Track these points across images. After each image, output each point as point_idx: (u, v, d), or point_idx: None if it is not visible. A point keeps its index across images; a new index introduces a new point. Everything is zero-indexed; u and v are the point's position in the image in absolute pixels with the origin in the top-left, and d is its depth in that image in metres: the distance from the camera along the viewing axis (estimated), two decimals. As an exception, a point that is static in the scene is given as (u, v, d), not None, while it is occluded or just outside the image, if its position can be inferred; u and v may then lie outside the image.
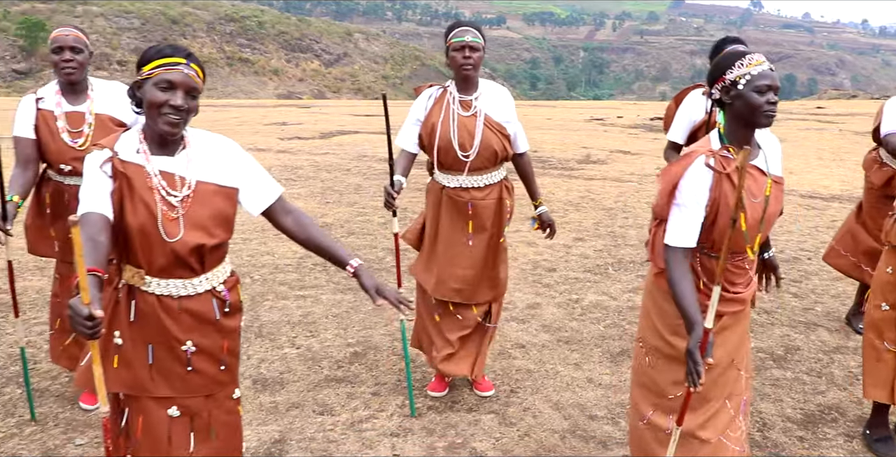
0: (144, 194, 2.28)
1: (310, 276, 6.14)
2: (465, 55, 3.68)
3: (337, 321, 5.19)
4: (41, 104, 3.62)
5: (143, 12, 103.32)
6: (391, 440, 3.70)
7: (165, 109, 2.23)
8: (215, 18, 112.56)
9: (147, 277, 2.34)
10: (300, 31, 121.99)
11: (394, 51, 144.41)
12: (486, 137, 3.75)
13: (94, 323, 1.94)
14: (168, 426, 2.43)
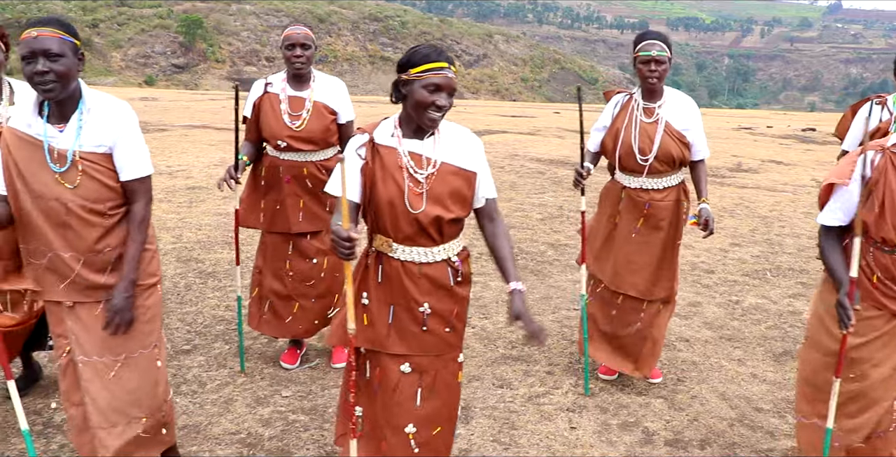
0: (395, 172, 2.66)
1: (477, 263, 6.52)
2: (650, 69, 3.91)
3: (507, 306, 5.53)
4: (269, 88, 4.14)
5: (292, 10, 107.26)
6: (567, 415, 4.00)
7: (431, 108, 2.60)
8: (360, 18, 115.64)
9: (394, 244, 2.72)
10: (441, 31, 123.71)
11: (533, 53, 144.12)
12: (664, 143, 3.99)
13: (351, 244, 2.36)
14: (401, 380, 2.81)
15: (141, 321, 2.91)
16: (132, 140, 2.81)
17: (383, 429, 2.83)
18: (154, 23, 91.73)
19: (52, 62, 2.58)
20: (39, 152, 2.70)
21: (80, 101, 2.74)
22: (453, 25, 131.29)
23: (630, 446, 3.72)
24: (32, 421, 3.77)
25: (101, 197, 2.77)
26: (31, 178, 2.70)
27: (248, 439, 3.65)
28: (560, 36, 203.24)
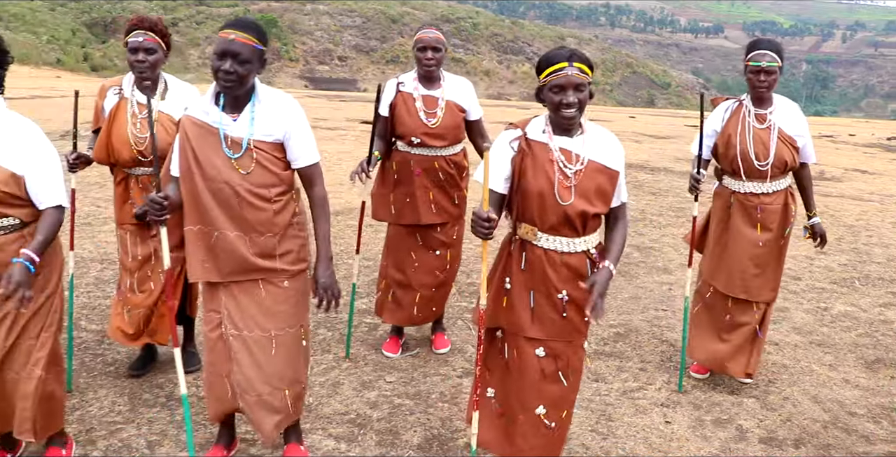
0: (546, 166, 2.84)
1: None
2: (759, 79, 4.00)
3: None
4: (401, 88, 4.34)
5: (365, 11, 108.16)
6: (662, 409, 4.12)
7: (562, 107, 2.77)
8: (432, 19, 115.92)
9: (539, 233, 2.90)
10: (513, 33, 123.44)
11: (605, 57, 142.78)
12: (779, 149, 4.07)
13: (490, 224, 2.61)
14: (537, 364, 2.98)
15: (290, 303, 3.15)
16: (303, 131, 3.06)
17: (515, 410, 3.01)
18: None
19: (239, 65, 2.85)
20: (215, 139, 2.95)
21: (252, 94, 2.99)
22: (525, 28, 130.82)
23: (724, 442, 3.82)
24: (156, 394, 4.05)
25: (268, 183, 3.02)
26: (205, 161, 2.95)
27: (358, 419, 3.86)
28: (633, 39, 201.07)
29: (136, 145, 3.80)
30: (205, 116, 3.01)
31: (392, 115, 4.36)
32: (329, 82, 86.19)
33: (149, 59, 3.75)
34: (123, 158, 3.84)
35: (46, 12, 68.46)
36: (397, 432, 3.75)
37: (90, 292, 5.48)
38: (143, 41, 3.73)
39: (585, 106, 2.82)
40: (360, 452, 3.57)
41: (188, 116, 3.03)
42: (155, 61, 3.79)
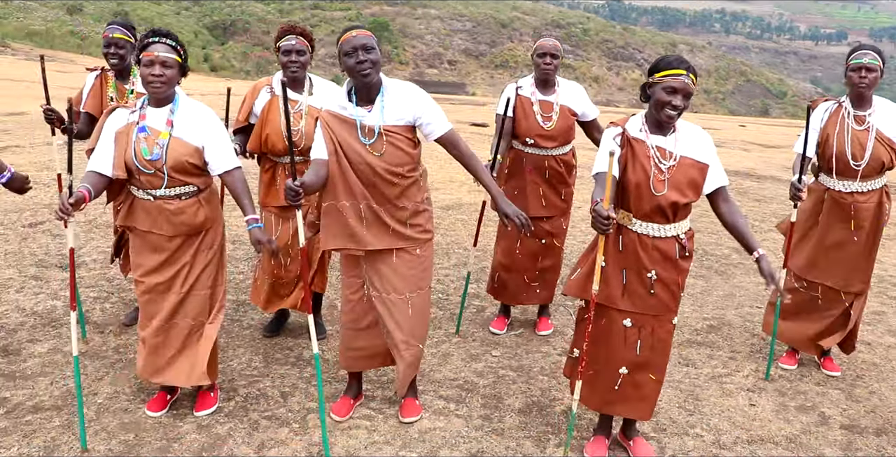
0: (643, 160, 3.21)
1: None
2: (860, 75, 4.23)
3: (692, 300, 5.94)
4: (520, 91, 4.76)
5: (475, 15, 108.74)
6: (748, 394, 4.39)
7: (668, 107, 3.14)
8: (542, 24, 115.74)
9: (634, 219, 3.28)
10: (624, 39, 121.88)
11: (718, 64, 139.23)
12: (875, 150, 4.28)
13: (609, 221, 2.98)
14: (623, 332, 3.36)
15: (420, 268, 3.64)
16: (431, 108, 3.55)
17: (601, 368, 3.40)
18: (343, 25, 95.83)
19: (368, 53, 3.34)
20: (352, 128, 3.45)
21: (381, 86, 3.48)
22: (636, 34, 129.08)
23: (806, 425, 4.08)
24: (286, 355, 4.60)
25: (400, 162, 3.51)
26: (346, 148, 3.46)
27: (466, 385, 4.30)
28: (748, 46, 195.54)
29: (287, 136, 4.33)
30: (342, 110, 3.52)
31: (513, 118, 4.76)
32: (438, 86, 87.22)
33: (300, 60, 4.28)
34: (277, 149, 4.38)
35: (172, 16, 72.12)
36: (501, 398, 4.17)
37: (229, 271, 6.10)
38: (295, 44, 4.25)
39: (681, 114, 3.17)
40: (466, 412, 4.00)
41: (328, 111, 3.54)
42: (304, 62, 4.32)
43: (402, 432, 3.78)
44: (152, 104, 3.56)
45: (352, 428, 3.80)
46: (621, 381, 3.43)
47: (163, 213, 3.57)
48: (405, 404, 3.93)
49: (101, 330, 4.87)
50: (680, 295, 3.43)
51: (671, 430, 3.93)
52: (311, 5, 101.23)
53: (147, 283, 3.69)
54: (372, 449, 3.63)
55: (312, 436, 3.70)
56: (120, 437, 3.65)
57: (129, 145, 3.48)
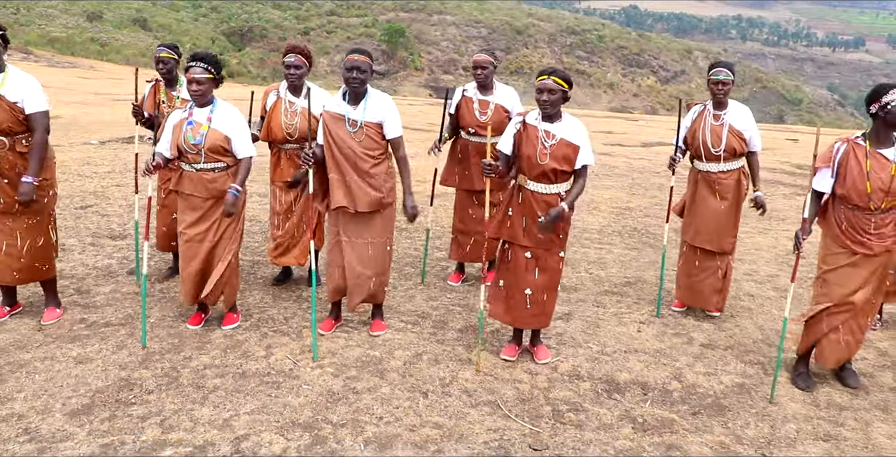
0: (533, 140, 4.64)
1: (607, 237, 8.35)
2: (718, 88, 5.60)
3: (621, 264, 7.36)
4: (465, 93, 6.21)
5: (491, 22, 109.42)
6: (638, 325, 5.81)
7: (539, 102, 4.55)
8: (557, 31, 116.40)
9: (528, 180, 4.70)
10: (639, 46, 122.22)
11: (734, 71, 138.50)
12: (729, 140, 5.66)
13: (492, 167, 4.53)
14: (524, 262, 4.79)
15: (381, 223, 5.14)
16: (393, 116, 5.03)
17: (513, 291, 4.83)
18: (360, 31, 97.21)
19: (361, 73, 4.82)
20: (342, 121, 4.95)
21: (366, 93, 4.95)
22: (651, 40, 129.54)
23: (674, 343, 5.48)
24: (289, 296, 6.05)
25: (373, 147, 4.98)
26: (335, 136, 4.93)
27: (422, 314, 5.76)
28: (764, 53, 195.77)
29: (286, 129, 5.77)
30: (337, 108, 4.98)
31: (457, 112, 6.22)
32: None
33: (297, 73, 5.71)
34: (278, 138, 5.83)
35: (190, 22, 73.89)
36: (446, 322, 5.62)
37: (245, 240, 7.59)
38: (295, 61, 5.68)
39: (556, 106, 4.58)
40: (419, 330, 5.46)
41: (327, 110, 5.02)
42: (301, 74, 5.75)
43: (370, 340, 5.24)
44: (197, 106, 5.04)
45: (334, 338, 5.26)
46: (527, 300, 4.85)
47: (202, 181, 5.04)
48: (374, 322, 5.40)
49: (147, 278, 6.34)
50: (565, 236, 4.83)
51: (570, 344, 5.36)
52: (328, 12, 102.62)
53: (188, 234, 5.16)
54: (347, 349, 5.07)
55: (305, 341, 5.15)
56: (168, 341, 5.12)
57: (181, 134, 4.96)
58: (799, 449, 4.17)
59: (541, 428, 4.19)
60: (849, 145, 4.63)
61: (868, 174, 4.52)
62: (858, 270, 4.71)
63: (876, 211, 4.59)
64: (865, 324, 4.88)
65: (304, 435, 4.01)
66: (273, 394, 4.44)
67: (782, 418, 4.49)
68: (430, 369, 4.86)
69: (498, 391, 4.59)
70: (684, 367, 5.11)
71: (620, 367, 5.04)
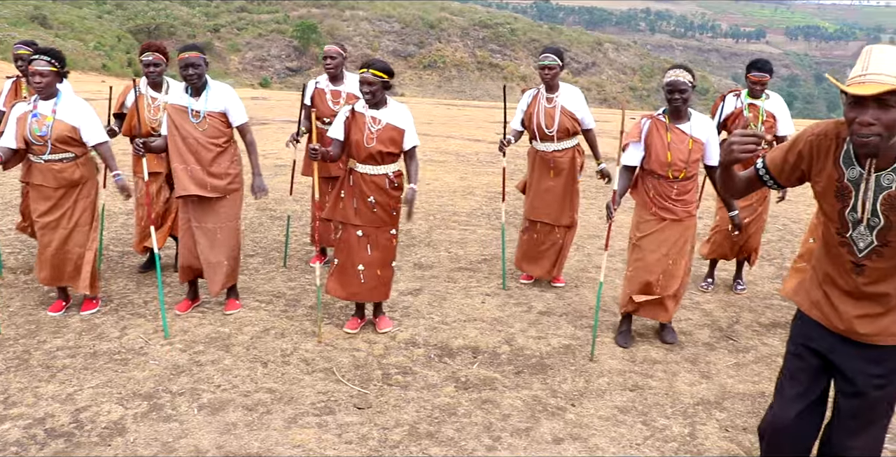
0: (361, 125, 4.96)
1: (475, 219, 8.76)
2: (545, 73, 6.03)
3: (481, 243, 7.77)
4: (318, 85, 6.51)
5: (404, 17, 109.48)
6: (483, 297, 6.20)
7: (362, 93, 4.87)
8: (470, 24, 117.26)
9: (357, 163, 5.02)
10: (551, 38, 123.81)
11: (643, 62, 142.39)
12: (561, 121, 6.10)
13: (316, 152, 4.85)
14: (357, 240, 5.11)
15: (228, 208, 5.38)
16: (236, 104, 5.28)
17: (347, 267, 5.15)
18: (271, 28, 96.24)
19: (196, 69, 5.08)
20: (185, 113, 5.19)
21: (206, 85, 5.20)
22: (563, 33, 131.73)
23: (513, 312, 5.89)
24: (152, 282, 6.24)
25: (217, 135, 5.23)
26: (180, 127, 5.18)
27: (278, 294, 6.04)
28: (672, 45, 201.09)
29: (151, 124, 5.96)
30: (180, 100, 5.22)
31: (312, 103, 6.50)
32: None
33: (157, 69, 5.91)
34: (143, 133, 6.00)
35: (94, 20, 71.86)
36: (299, 300, 5.93)
37: (117, 230, 7.74)
38: (152, 59, 5.88)
39: (379, 95, 4.91)
40: (272, 308, 5.75)
41: (170, 103, 5.26)
42: (160, 71, 5.93)
43: (223, 318, 5.51)
44: (41, 98, 5.20)
45: (189, 317, 5.51)
46: (361, 275, 5.18)
47: (51, 171, 5.20)
48: (228, 302, 5.67)
49: (13, 271, 6.46)
50: (394, 214, 5.17)
51: (414, 316, 5.72)
52: (238, 8, 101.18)
53: (41, 222, 5.32)
54: (199, 327, 5.33)
55: (159, 322, 5.38)
56: (24, 327, 5.28)
57: (26, 126, 5.12)
58: (606, 398, 4.59)
59: (368, 390, 4.52)
60: (653, 121, 5.09)
61: (669, 145, 5.00)
62: (666, 234, 5.17)
63: (676, 180, 5.07)
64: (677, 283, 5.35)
65: (142, 404, 4.26)
66: (120, 370, 4.67)
67: (598, 373, 4.93)
68: (275, 342, 5.15)
69: (335, 359, 4.92)
70: (518, 332, 5.51)
71: (457, 334, 5.42)
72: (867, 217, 2.58)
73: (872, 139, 2.43)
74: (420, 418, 4.22)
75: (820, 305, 2.85)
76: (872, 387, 2.70)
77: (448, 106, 34.92)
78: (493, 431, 4.11)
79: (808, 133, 2.74)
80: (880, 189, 2.56)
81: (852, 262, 2.70)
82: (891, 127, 2.41)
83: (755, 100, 6.28)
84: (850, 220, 2.66)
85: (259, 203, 9.19)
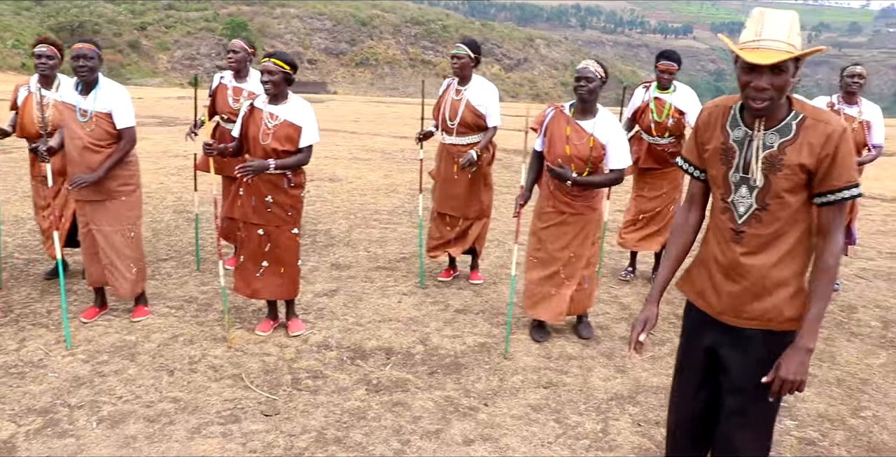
0: (258, 121, 4.84)
1: (396, 217, 8.69)
2: (453, 63, 5.97)
3: (401, 241, 7.70)
4: (222, 80, 6.38)
5: (335, 14, 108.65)
6: (400, 296, 6.14)
7: (264, 86, 4.76)
8: (402, 21, 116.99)
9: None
10: (483, 35, 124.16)
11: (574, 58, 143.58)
12: (464, 115, 6.05)
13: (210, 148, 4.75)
14: (258, 238, 5.00)
15: (125, 210, 5.19)
16: (124, 105, 5.06)
17: (250, 265, 5.04)
18: (200, 26, 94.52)
19: (88, 61, 4.86)
20: (73, 111, 4.98)
21: (97, 82, 4.99)
22: (495, 29, 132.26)
23: (429, 311, 5.85)
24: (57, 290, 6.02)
25: (103, 137, 5.02)
26: (67, 126, 4.96)
27: (189, 299, 5.88)
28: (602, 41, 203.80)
29: (38, 123, 5.73)
30: (69, 98, 5.02)
31: (213, 98, 6.36)
32: (299, 85, 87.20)
33: (49, 63, 5.68)
34: (30, 133, 5.79)
35: (11, 16, 69.43)
36: (211, 305, 5.78)
37: (24, 236, 7.46)
38: (45, 50, 5.65)
39: (280, 87, 4.79)
40: (182, 314, 5.59)
41: (57, 100, 5.04)
42: (53, 65, 5.72)
43: (129, 326, 5.33)
44: None
45: (94, 326, 5.31)
46: (263, 272, 5.08)
47: None
48: (136, 309, 5.49)
49: None
50: (294, 213, 5.07)
51: (328, 317, 5.63)
52: (165, 6, 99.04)
53: None
54: (104, 336, 5.15)
55: (61, 332, 5.18)
56: (-86, 341, 5.03)
57: None
58: (519, 397, 4.57)
59: (277, 396, 4.42)
60: (556, 111, 5.04)
61: (568, 139, 4.96)
62: (565, 228, 5.16)
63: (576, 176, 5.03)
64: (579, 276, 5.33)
65: (36, 420, 4.07)
66: (15, 384, 4.47)
67: (512, 371, 4.90)
68: (183, 349, 5.00)
69: (244, 365, 4.80)
70: (433, 331, 5.46)
71: (371, 335, 5.34)
72: (750, 177, 2.57)
73: (766, 104, 2.46)
74: (328, 423, 4.14)
75: (704, 293, 2.83)
76: (754, 382, 2.69)
77: (377, 103, 34.88)
78: (403, 434, 4.05)
79: (703, 109, 2.78)
80: (762, 148, 2.56)
81: (732, 229, 2.67)
82: (782, 90, 2.44)
83: (663, 93, 6.34)
84: (732, 181, 2.64)
85: (176, 205, 8.98)
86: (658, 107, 6.33)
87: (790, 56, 2.36)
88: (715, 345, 2.80)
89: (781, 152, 2.53)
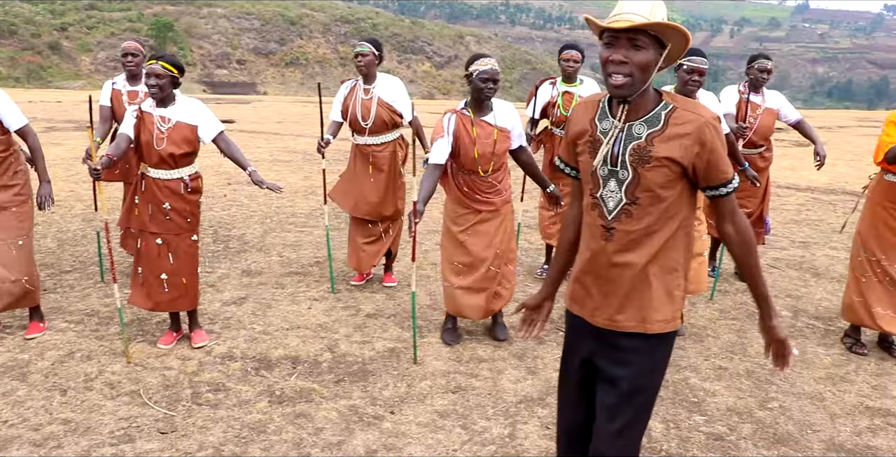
0: (149, 126, 4.68)
1: (313, 220, 8.56)
2: (358, 62, 5.86)
3: (316, 245, 7.58)
4: (115, 86, 6.19)
5: (263, 14, 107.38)
6: (311, 302, 6.03)
7: (149, 89, 4.60)
8: (331, 20, 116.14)
9: (149, 168, 4.74)
10: (413, 33, 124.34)
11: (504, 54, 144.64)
12: (378, 113, 5.97)
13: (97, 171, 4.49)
14: (157, 248, 4.84)
15: (18, 221, 4.98)
16: (8, 106, 4.87)
17: (149, 277, 4.87)
18: (124, 26, 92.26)
19: None
20: None
21: None
22: (425, 27, 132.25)
23: (340, 317, 5.75)
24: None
25: None
26: None
27: (91, 312, 5.68)
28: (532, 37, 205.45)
29: None
30: None
31: (112, 105, 6.16)
32: (229, 86, 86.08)
33: None
34: None
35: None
36: (113, 318, 5.58)
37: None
38: None
39: (167, 91, 4.65)
40: (82, 328, 5.39)
41: None
42: None
43: (23, 344, 5.11)
44: None
45: (-17, 346, 5.09)
46: (165, 284, 4.92)
47: None
48: (30, 325, 5.27)
49: None
50: (193, 219, 4.92)
51: (235, 327, 5.49)
52: (87, 6, 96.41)
53: None
54: (-7, 356, 4.93)
55: (-52, 352, 4.95)
56: None
57: None
58: (427, 403, 4.50)
59: (175, 412, 4.28)
60: (457, 116, 4.90)
61: (476, 141, 4.90)
62: (486, 226, 5.10)
63: (486, 174, 5.00)
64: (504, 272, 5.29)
65: (-87, 448, 3.88)
66: None
67: (421, 377, 4.84)
68: (80, 365, 4.81)
69: (143, 380, 4.63)
70: (342, 338, 5.37)
71: (278, 344, 5.23)
72: (619, 170, 2.51)
73: (626, 80, 2.39)
74: (227, 438, 4.01)
75: (578, 297, 2.77)
76: (626, 389, 2.63)
77: (305, 103, 34.50)
78: (304, 447, 3.95)
79: (575, 105, 2.73)
80: (630, 139, 2.49)
81: (602, 226, 2.60)
82: (642, 68, 2.38)
83: (570, 86, 6.35)
84: (600, 175, 2.57)
85: (85, 213, 8.69)
86: (566, 101, 6.33)
87: (644, 23, 2.32)
88: (591, 351, 2.76)
89: (649, 144, 2.46)
